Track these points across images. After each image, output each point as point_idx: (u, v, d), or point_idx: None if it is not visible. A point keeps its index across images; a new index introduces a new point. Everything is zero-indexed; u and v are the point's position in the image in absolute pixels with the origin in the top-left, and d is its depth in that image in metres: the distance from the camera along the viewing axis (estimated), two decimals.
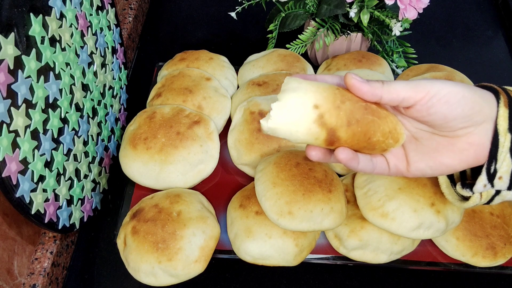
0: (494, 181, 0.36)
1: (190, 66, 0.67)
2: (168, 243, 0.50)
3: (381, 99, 0.34)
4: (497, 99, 0.35)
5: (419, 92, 0.33)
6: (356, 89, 0.34)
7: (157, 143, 0.56)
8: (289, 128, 0.32)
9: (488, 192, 0.38)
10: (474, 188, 0.38)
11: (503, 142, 0.35)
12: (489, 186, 0.37)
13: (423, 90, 0.33)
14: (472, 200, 0.39)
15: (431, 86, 0.33)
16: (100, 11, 0.60)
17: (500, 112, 0.35)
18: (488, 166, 0.36)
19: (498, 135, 0.35)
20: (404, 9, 0.62)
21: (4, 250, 0.49)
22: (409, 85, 0.34)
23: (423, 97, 0.33)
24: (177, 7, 0.94)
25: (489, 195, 0.38)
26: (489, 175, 0.36)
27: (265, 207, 0.50)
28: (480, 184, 0.37)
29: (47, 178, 0.47)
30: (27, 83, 0.42)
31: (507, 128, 0.35)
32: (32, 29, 0.43)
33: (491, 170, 0.36)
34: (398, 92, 0.33)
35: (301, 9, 0.70)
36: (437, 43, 0.86)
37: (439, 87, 0.33)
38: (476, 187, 0.38)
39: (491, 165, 0.36)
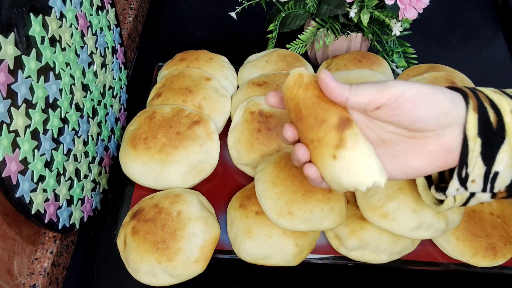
0: (467, 184, 0.36)
1: (190, 66, 0.67)
2: (168, 243, 0.50)
3: (347, 101, 0.34)
4: (466, 104, 0.35)
5: (385, 94, 0.33)
6: (324, 85, 0.34)
7: (157, 143, 0.56)
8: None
9: (462, 195, 0.38)
10: (447, 192, 0.38)
11: (473, 147, 0.34)
12: (462, 190, 0.37)
13: (389, 92, 0.33)
14: (445, 203, 0.39)
15: (397, 87, 0.33)
16: (100, 11, 0.60)
17: (469, 118, 0.34)
18: (459, 171, 0.36)
19: (468, 140, 0.34)
20: (404, 9, 0.62)
21: (4, 250, 0.49)
22: (376, 87, 0.34)
23: (389, 98, 0.33)
24: (177, 7, 0.94)
25: (463, 198, 0.38)
26: (461, 179, 0.36)
27: (265, 207, 0.50)
28: (453, 188, 0.37)
29: (47, 178, 0.47)
30: (27, 83, 0.42)
31: (476, 133, 0.34)
32: (32, 29, 0.43)
33: (463, 174, 0.36)
34: (363, 94, 0.34)
35: (301, 9, 0.70)
36: (437, 43, 0.86)
37: (406, 88, 0.33)
38: (448, 190, 0.37)
39: (462, 170, 0.36)
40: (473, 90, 0.36)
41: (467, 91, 0.36)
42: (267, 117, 0.58)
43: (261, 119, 0.58)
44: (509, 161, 0.35)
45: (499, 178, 0.35)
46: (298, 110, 0.35)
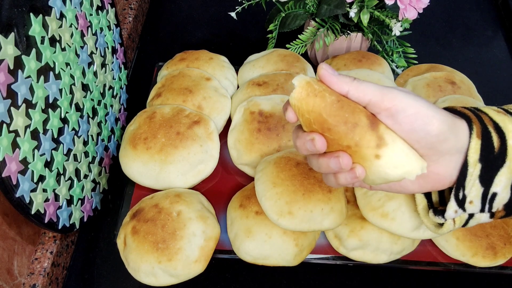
0: (465, 206, 0.36)
1: (190, 66, 0.67)
2: (168, 243, 0.50)
3: (348, 94, 0.34)
4: (469, 129, 0.34)
5: (386, 100, 0.32)
6: (325, 80, 0.34)
7: (157, 143, 0.56)
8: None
9: (461, 217, 0.37)
10: (446, 215, 0.37)
11: (472, 172, 0.34)
12: (461, 211, 0.37)
13: (391, 101, 0.32)
14: (445, 227, 0.39)
15: (400, 100, 0.32)
16: (100, 11, 0.60)
17: (472, 144, 0.34)
18: (456, 193, 0.36)
19: (468, 166, 0.34)
20: (404, 9, 0.62)
21: (4, 250, 0.49)
22: (379, 89, 0.33)
23: (389, 108, 0.32)
24: (177, 7, 0.94)
25: (462, 220, 0.38)
26: (458, 201, 0.36)
27: (265, 207, 0.50)
28: (451, 210, 0.37)
29: (47, 178, 0.47)
30: (27, 83, 0.42)
31: (477, 159, 0.34)
32: (32, 29, 0.43)
33: (460, 196, 0.36)
34: (366, 92, 0.33)
35: (301, 9, 0.70)
36: (437, 43, 0.86)
37: (407, 104, 0.32)
38: (447, 213, 0.37)
39: (459, 192, 0.36)
40: (477, 113, 0.36)
41: (471, 116, 0.35)
42: (267, 117, 0.58)
43: (261, 119, 0.58)
44: (507, 182, 0.35)
45: (497, 198, 0.36)
46: (322, 120, 0.34)
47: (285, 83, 0.63)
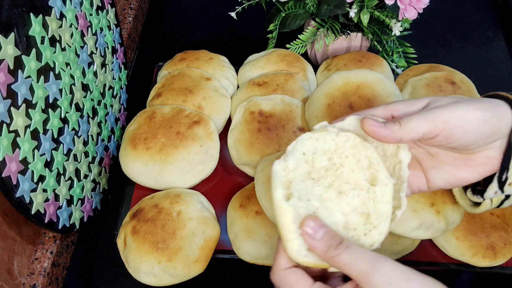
0: (504, 188, 0.37)
1: (190, 66, 0.67)
2: (168, 243, 0.50)
3: (401, 141, 0.34)
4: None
5: (438, 125, 0.33)
6: (374, 135, 0.34)
7: (157, 143, 0.56)
8: None
9: (498, 198, 0.39)
10: (485, 195, 0.39)
11: None
12: (500, 192, 0.38)
13: (442, 123, 0.33)
14: (483, 206, 0.40)
15: (449, 116, 0.33)
16: (100, 11, 0.60)
17: None
18: (500, 175, 0.37)
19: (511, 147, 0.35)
20: (404, 9, 0.62)
21: (4, 250, 0.49)
22: (427, 119, 0.33)
23: (443, 129, 0.33)
24: (177, 7, 0.94)
25: (499, 200, 0.39)
26: (500, 182, 0.37)
27: (265, 207, 0.50)
28: (491, 191, 0.38)
29: (47, 178, 0.47)
30: (27, 83, 0.42)
31: None
32: (32, 29, 0.43)
33: (503, 178, 0.37)
34: (417, 130, 0.33)
35: (301, 9, 0.70)
36: (437, 43, 0.86)
37: (458, 116, 0.33)
38: (487, 194, 0.38)
39: (502, 174, 0.37)
40: None
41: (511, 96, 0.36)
42: (267, 117, 0.58)
43: (261, 119, 0.58)
44: None
45: None
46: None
47: (285, 83, 0.63)
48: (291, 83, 0.63)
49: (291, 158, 0.34)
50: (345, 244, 0.32)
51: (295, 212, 0.33)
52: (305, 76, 0.67)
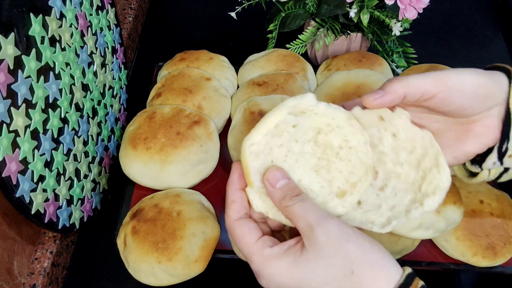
0: (504, 159, 0.37)
1: (190, 66, 0.67)
2: (168, 243, 0.50)
3: (405, 97, 0.34)
4: (509, 79, 0.35)
5: (438, 85, 0.34)
6: (381, 105, 0.35)
7: (157, 143, 0.56)
8: None
9: (497, 169, 0.38)
10: (484, 165, 0.38)
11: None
12: (498, 164, 0.37)
13: (442, 83, 0.34)
14: (480, 176, 0.39)
15: (448, 78, 0.34)
16: (100, 11, 0.60)
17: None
18: (500, 145, 0.36)
19: (510, 114, 0.35)
20: (404, 9, 0.62)
21: (4, 250, 0.48)
22: (428, 77, 0.34)
23: (442, 90, 0.34)
24: (177, 7, 0.94)
25: (497, 172, 0.38)
26: (500, 153, 0.37)
27: None
28: (490, 161, 0.37)
29: (47, 178, 0.47)
30: (27, 83, 0.42)
31: None
32: (32, 29, 0.43)
33: (503, 148, 0.36)
34: (419, 85, 0.34)
35: (301, 9, 0.70)
36: (437, 43, 0.86)
37: (455, 79, 0.34)
38: (485, 164, 0.38)
39: (503, 144, 0.36)
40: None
41: (510, 68, 0.36)
42: None
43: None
44: None
45: None
46: None
47: (285, 83, 0.63)
48: (291, 83, 0.63)
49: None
50: (301, 197, 0.33)
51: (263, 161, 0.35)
52: (305, 76, 0.67)
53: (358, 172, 0.37)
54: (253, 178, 0.35)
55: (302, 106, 0.35)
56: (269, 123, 0.35)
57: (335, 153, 0.37)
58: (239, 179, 0.37)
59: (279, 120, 0.35)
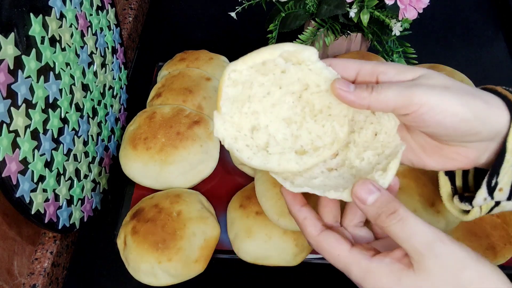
0: (494, 193, 0.35)
1: (190, 66, 0.67)
2: (168, 243, 0.50)
3: (369, 108, 0.32)
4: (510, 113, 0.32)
5: (411, 105, 0.30)
6: (342, 99, 0.32)
7: (157, 143, 0.56)
8: None
9: (488, 204, 0.36)
10: (474, 202, 0.36)
11: (509, 159, 0.33)
12: (489, 199, 0.35)
13: (416, 104, 0.30)
14: (472, 213, 0.37)
15: (426, 100, 0.30)
16: (100, 11, 0.60)
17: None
18: (489, 180, 0.34)
19: (505, 152, 0.32)
20: (404, 9, 0.62)
21: (4, 250, 0.48)
22: (403, 94, 0.30)
23: (414, 111, 0.30)
24: (177, 7, 0.94)
25: (488, 207, 0.36)
26: (490, 188, 0.35)
27: (266, 207, 0.50)
28: (480, 197, 0.35)
29: (47, 178, 0.47)
30: (27, 83, 0.42)
31: None
32: (32, 29, 0.43)
33: (492, 183, 0.34)
34: (388, 101, 0.31)
35: (301, 9, 0.70)
36: (437, 43, 0.86)
37: (435, 104, 0.30)
38: (476, 200, 0.36)
39: (492, 179, 0.34)
40: None
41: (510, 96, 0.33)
42: None
43: None
44: None
45: None
46: None
47: None
48: None
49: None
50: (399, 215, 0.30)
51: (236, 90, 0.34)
52: None
53: (326, 139, 0.36)
54: (222, 103, 0.34)
55: (299, 56, 0.33)
56: (257, 57, 0.33)
57: (312, 114, 0.36)
58: (295, 198, 0.36)
59: (268, 58, 0.33)
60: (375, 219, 0.31)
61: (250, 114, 0.35)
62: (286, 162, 0.35)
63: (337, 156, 0.37)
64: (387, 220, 0.30)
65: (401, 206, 0.31)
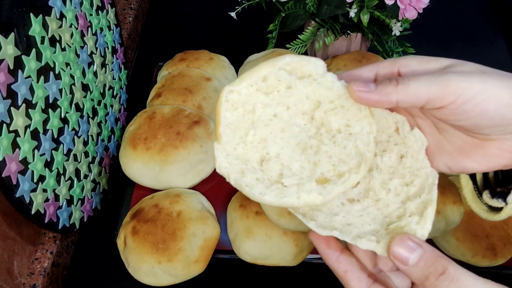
0: None
1: (190, 66, 0.67)
2: (168, 243, 0.50)
3: (398, 104, 0.28)
4: None
5: (448, 94, 0.26)
6: (364, 102, 0.28)
7: (157, 143, 0.56)
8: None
9: None
10: (509, 199, 0.32)
11: None
12: None
13: (455, 93, 0.26)
14: (505, 211, 0.32)
15: (465, 88, 0.26)
16: (100, 11, 0.60)
17: None
18: None
19: None
20: (404, 9, 0.62)
21: (4, 250, 0.48)
22: (435, 83, 0.27)
23: (453, 101, 0.27)
24: (177, 7, 0.94)
25: None
26: None
27: (265, 207, 0.50)
28: None
29: (47, 178, 0.47)
30: (27, 83, 0.42)
31: None
32: (32, 29, 0.43)
33: None
34: (419, 93, 0.27)
35: (301, 9, 0.70)
36: (437, 44, 0.86)
37: (477, 90, 0.26)
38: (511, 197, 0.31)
39: None
40: None
41: None
42: None
43: None
44: None
45: None
46: None
47: None
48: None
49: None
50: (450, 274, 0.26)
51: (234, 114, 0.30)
52: None
53: (351, 162, 0.30)
54: (221, 129, 0.29)
55: (304, 69, 0.30)
56: (255, 73, 0.29)
57: (330, 136, 0.31)
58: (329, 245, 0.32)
59: (268, 72, 0.29)
60: (422, 282, 0.27)
61: (256, 143, 0.31)
62: (307, 194, 0.29)
63: (358, 184, 0.32)
64: (437, 282, 0.26)
65: (450, 263, 0.27)
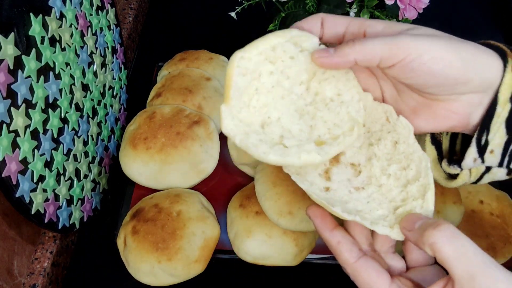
0: (485, 156, 0.32)
1: (190, 66, 0.67)
2: (168, 243, 0.50)
3: (356, 63, 0.30)
4: (504, 63, 0.30)
5: (398, 53, 0.29)
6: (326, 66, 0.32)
7: (157, 143, 0.56)
8: None
9: (478, 169, 0.33)
10: (463, 164, 0.33)
11: (500, 112, 0.31)
12: (479, 162, 0.33)
13: (403, 52, 0.29)
14: (460, 177, 0.34)
15: (413, 47, 0.29)
16: (100, 11, 0.60)
17: (506, 80, 0.30)
18: (479, 136, 0.32)
19: (497, 104, 0.30)
20: (404, 9, 0.62)
21: (4, 250, 0.48)
22: (388, 43, 0.29)
23: (402, 59, 0.29)
24: (177, 7, 0.94)
25: (478, 173, 0.33)
26: (480, 147, 0.32)
27: (265, 207, 0.50)
28: (470, 158, 0.32)
29: (47, 178, 0.47)
30: (27, 83, 0.42)
31: (508, 97, 0.30)
32: (32, 29, 0.43)
33: (482, 141, 0.32)
34: (374, 52, 0.29)
35: (301, 9, 0.70)
36: None
37: (423, 50, 0.29)
38: (465, 161, 0.33)
39: (482, 135, 0.32)
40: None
41: (506, 50, 0.32)
42: None
43: None
44: None
45: None
46: None
47: None
48: None
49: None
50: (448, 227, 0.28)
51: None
52: None
53: (344, 126, 0.34)
54: (232, 93, 0.31)
55: (305, 44, 0.32)
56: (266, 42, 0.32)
57: (324, 104, 0.34)
58: (325, 220, 0.33)
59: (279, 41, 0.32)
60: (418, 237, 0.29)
61: (259, 107, 0.33)
62: (307, 154, 0.32)
63: (361, 173, 0.35)
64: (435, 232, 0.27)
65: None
